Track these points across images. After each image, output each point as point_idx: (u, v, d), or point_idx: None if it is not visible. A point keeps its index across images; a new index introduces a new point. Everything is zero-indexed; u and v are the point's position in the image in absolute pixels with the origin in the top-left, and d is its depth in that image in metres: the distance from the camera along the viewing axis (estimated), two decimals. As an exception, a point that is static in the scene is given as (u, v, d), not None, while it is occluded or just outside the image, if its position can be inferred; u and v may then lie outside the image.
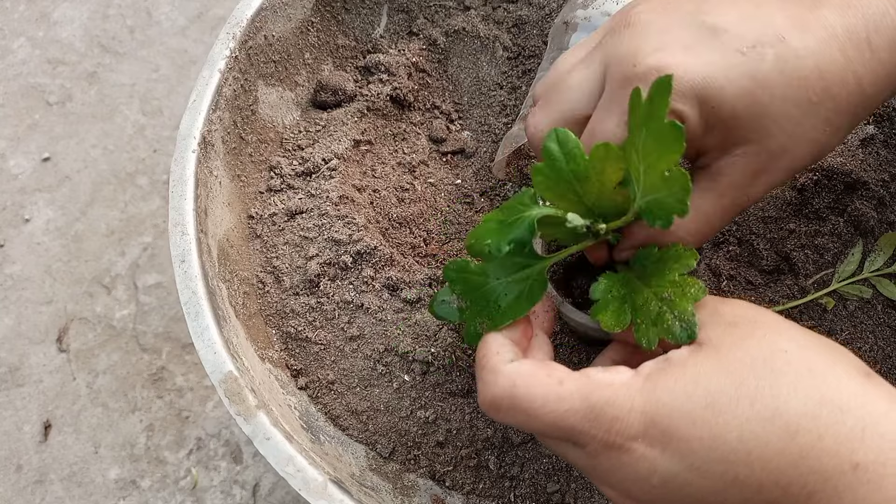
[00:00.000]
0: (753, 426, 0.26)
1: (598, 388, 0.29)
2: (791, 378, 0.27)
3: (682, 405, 0.27)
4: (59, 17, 1.14)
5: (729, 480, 0.27)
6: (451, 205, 0.58)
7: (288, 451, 0.38)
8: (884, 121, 0.52)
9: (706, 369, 0.28)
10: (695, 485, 0.27)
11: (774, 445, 0.26)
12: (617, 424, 0.28)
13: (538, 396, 0.29)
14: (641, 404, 0.28)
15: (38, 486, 0.80)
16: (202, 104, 0.49)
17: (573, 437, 0.29)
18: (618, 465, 0.29)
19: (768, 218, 0.50)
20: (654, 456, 0.28)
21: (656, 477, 0.28)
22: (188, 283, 0.43)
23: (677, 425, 0.27)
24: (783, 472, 0.26)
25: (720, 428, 0.27)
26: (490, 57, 0.62)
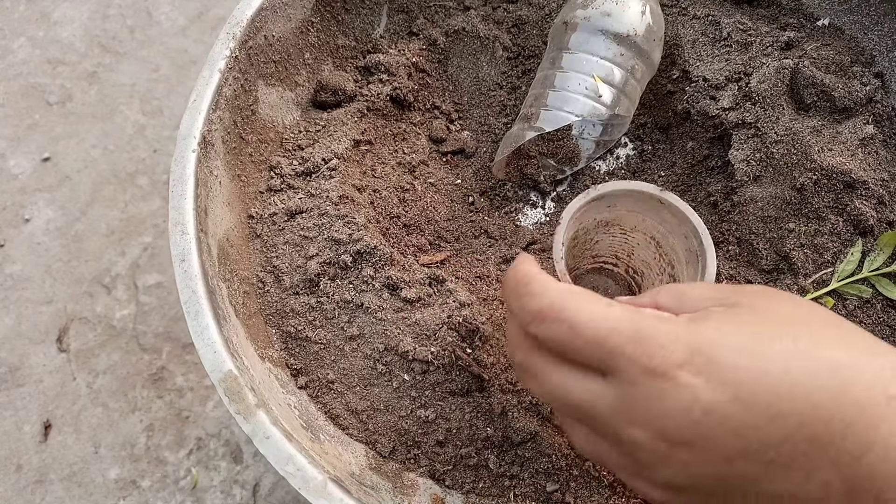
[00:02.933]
0: (798, 360, 0.27)
1: (646, 317, 0.30)
2: (827, 328, 0.29)
3: (729, 339, 0.28)
4: (59, 17, 1.14)
5: (773, 413, 0.27)
6: (451, 204, 0.58)
7: (287, 449, 0.38)
8: (883, 120, 0.52)
9: (747, 316, 0.29)
10: (737, 418, 0.27)
11: (818, 379, 0.27)
12: (662, 351, 0.28)
13: (586, 311, 0.30)
14: (687, 336, 0.28)
15: (38, 486, 0.80)
16: (202, 104, 0.49)
17: (612, 359, 0.29)
18: (657, 396, 0.28)
19: (768, 217, 0.50)
20: (697, 385, 0.27)
21: (698, 408, 0.27)
22: (188, 282, 0.43)
23: (724, 355, 0.28)
24: (824, 405, 0.26)
25: (765, 361, 0.27)
26: (490, 57, 0.62)
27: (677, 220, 0.43)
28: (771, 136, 0.52)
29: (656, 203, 0.43)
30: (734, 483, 0.28)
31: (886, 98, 0.53)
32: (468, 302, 0.47)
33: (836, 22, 0.58)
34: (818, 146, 0.50)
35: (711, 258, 0.41)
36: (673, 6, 0.61)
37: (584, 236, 0.49)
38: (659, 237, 0.46)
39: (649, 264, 0.49)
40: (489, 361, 0.45)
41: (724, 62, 0.57)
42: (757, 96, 0.53)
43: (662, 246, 0.47)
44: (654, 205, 0.43)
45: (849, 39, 0.57)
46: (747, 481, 0.28)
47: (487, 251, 0.56)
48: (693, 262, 0.43)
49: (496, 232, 0.58)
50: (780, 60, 0.54)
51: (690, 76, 0.57)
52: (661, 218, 0.44)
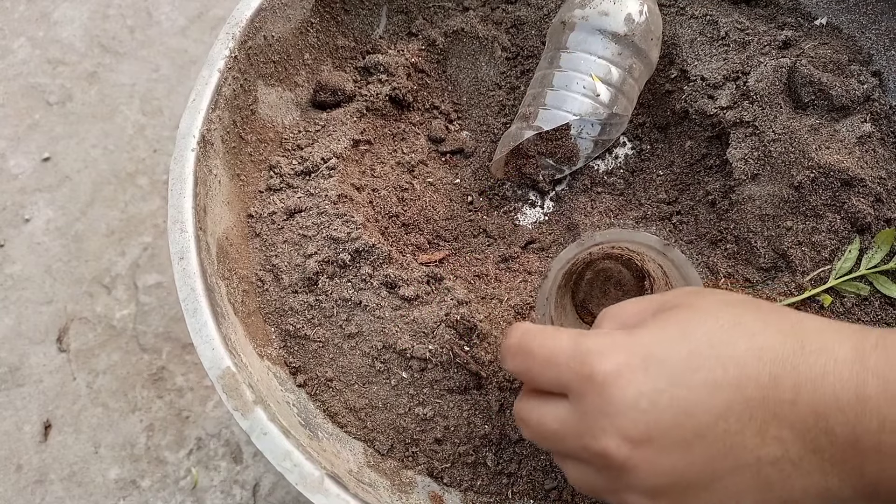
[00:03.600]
0: (721, 335, 0.30)
1: (585, 335, 0.32)
2: (745, 307, 0.32)
3: (659, 337, 0.31)
4: (59, 17, 1.14)
5: (710, 385, 0.29)
6: (449, 204, 0.59)
7: (285, 446, 0.38)
8: (880, 119, 0.52)
9: (676, 314, 0.32)
10: (680, 398, 0.29)
11: (740, 347, 0.29)
12: (600, 358, 0.31)
13: (538, 339, 0.34)
14: (623, 342, 0.31)
15: (38, 486, 0.80)
16: (202, 103, 0.49)
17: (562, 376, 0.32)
18: (606, 400, 0.30)
19: (765, 216, 0.50)
20: (638, 379, 0.30)
21: (644, 399, 0.29)
22: (187, 280, 0.43)
23: (656, 351, 0.30)
24: (752, 366, 0.29)
25: (694, 344, 0.30)
26: (489, 57, 0.62)
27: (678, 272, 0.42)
28: (769, 134, 0.52)
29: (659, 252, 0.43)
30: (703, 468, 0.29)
31: (884, 96, 0.53)
32: (466, 300, 0.48)
33: (834, 21, 0.58)
34: (816, 144, 0.50)
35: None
36: (671, 5, 0.61)
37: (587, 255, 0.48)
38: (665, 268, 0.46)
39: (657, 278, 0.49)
40: (487, 359, 0.46)
41: (721, 61, 0.57)
42: (755, 95, 0.53)
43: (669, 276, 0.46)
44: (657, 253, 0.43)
45: (846, 38, 0.57)
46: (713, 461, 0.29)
47: (486, 250, 0.57)
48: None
49: (495, 231, 0.58)
50: (777, 59, 0.54)
51: (688, 75, 0.57)
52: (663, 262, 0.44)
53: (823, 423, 0.28)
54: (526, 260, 0.55)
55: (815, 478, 0.28)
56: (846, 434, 0.27)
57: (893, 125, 0.52)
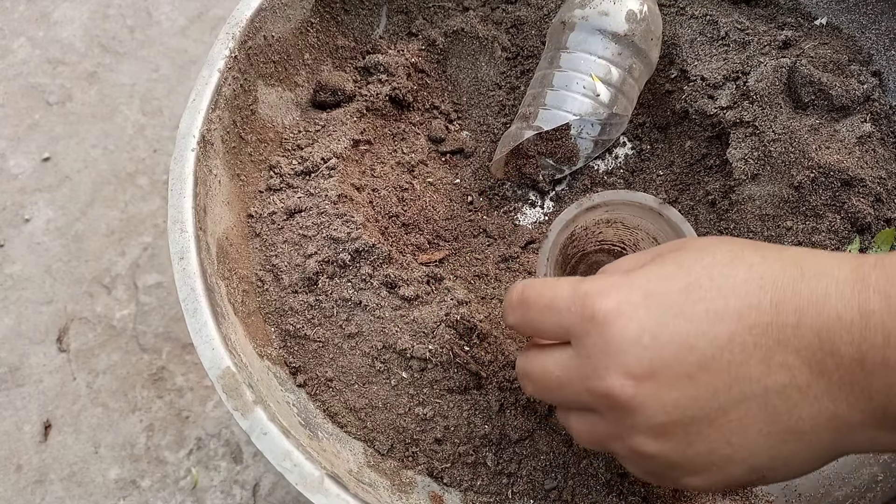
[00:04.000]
0: (720, 267, 0.30)
1: (584, 280, 0.33)
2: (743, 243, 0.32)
3: (657, 273, 0.31)
4: (59, 17, 1.14)
5: (712, 316, 0.29)
6: (449, 204, 0.59)
7: (285, 445, 0.38)
8: (880, 119, 0.52)
9: (675, 255, 0.32)
10: (682, 330, 0.29)
11: (738, 277, 0.29)
12: (599, 297, 0.31)
13: (536, 287, 0.34)
14: (621, 282, 0.31)
15: (38, 486, 0.80)
16: (201, 103, 0.49)
17: (563, 320, 0.32)
18: (608, 338, 0.30)
19: (766, 216, 0.51)
20: (639, 315, 0.30)
21: (647, 334, 0.29)
22: (186, 279, 0.43)
23: (655, 287, 0.30)
24: (752, 294, 0.29)
25: (693, 277, 0.30)
26: (489, 57, 0.62)
27: (675, 233, 0.43)
28: (769, 134, 0.52)
29: (655, 214, 0.43)
30: (708, 402, 0.29)
31: (884, 96, 0.53)
32: (466, 300, 0.48)
33: (834, 21, 0.58)
34: (816, 144, 0.50)
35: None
36: (671, 5, 0.61)
37: (583, 232, 0.48)
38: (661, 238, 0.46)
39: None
40: (487, 359, 0.46)
41: (721, 61, 0.57)
42: (755, 95, 0.53)
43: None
44: (653, 215, 0.43)
45: (846, 38, 0.57)
46: (718, 393, 0.29)
47: (486, 250, 0.57)
48: None
49: (495, 231, 0.58)
50: (777, 59, 0.54)
51: (688, 75, 0.58)
52: (660, 227, 0.44)
53: (829, 345, 0.27)
54: (526, 260, 0.55)
55: (823, 403, 0.28)
56: (851, 353, 0.27)
57: (893, 125, 0.52)
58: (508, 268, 0.55)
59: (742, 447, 0.30)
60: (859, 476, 0.45)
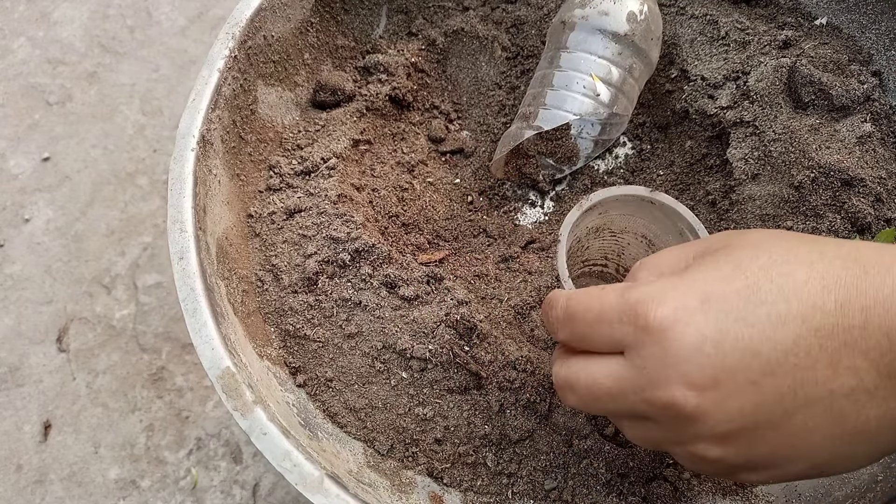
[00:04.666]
0: (778, 268, 0.29)
1: (631, 287, 0.31)
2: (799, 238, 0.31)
3: (713, 274, 0.30)
4: (59, 17, 1.14)
5: (774, 320, 0.28)
6: (449, 204, 0.59)
7: (285, 446, 0.38)
8: (881, 118, 0.52)
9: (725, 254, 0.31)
10: (745, 336, 0.28)
11: (800, 276, 0.28)
12: (652, 305, 0.29)
13: (582, 300, 0.33)
14: (672, 287, 0.30)
15: (38, 486, 0.80)
16: (201, 103, 0.49)
17: (615, 333, 0.31)
18: (666, 349, 0.29)
19: (766, 216, 0.50)
20: (699, 322, 0.29)
21: (708, 343, 0.28)
22: (186, 279, 0.43)
23: (713, 290, 0.29)
24: (817, 295, 0.28)
25: (752, 278, 0.29)
26: (489, 57, 0.62)
27: (670, 219, 0.43)
28: (769, 134, 0.52)
29: (647, 204, 0.43)
30: (773, 407, 0.28)
31: (884, 96, 0.53)
32: (466, 300, 0.47)
33: (834, 21, 0.58)
34: (816, 144, 0.50)
35: None
36: (671, 5, 0.61)
37: (576, 245, 0.49)
38: (651, 236, 0.46)
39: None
40: (487, 359, 0.46)
41: (722, 61, 0.57)
42: (755, 95, 0.53)
43: (655, 244, 0.46)
44: (644, 206, 0.43)
45: (846, 38, 0.57)
46: (783, 399, 0.28)
47: (486, 250, 0.57)
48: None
49: (495, 231, 0.58)
50: (777, 59, 0.54)
51: (689, 75, 0.57)
52: (653, 217, 0.44)
53: None
54: (526, 260, 0.55)
55: (890, 404, 0.27)
56: None
57: (893, 125, 0.52)
58: (508, 268, 0.55)
59: (805, 448, 0.29)
60: (859, 476, 0.45)
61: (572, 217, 0.42)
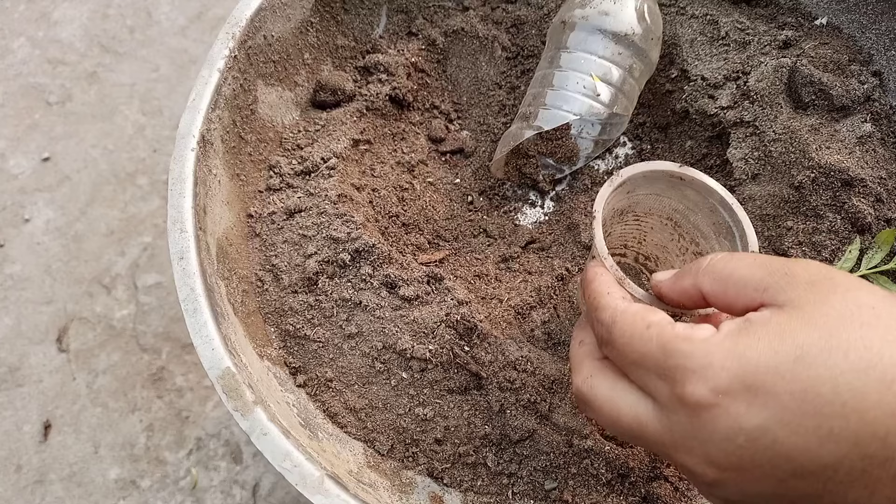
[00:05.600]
0: (848, 377, 0.25)
1: (676, 339, 0.29)
2: (882, 330, 0.26)
3: (769, 360, 0.26)
4: (59, 17, 1.14)
5: (823, 435, 0.25)
6: (449, 203, 0.58)
7: (285, 446, 0.38)
8: (881, 119, 0.52)
9: (792, 325, 0.27)
10: (786, 442, 0.26)
11: (871, 396, 0.25)
12: (694, 381, 0.27)
13: (626, 334, 0.31)
14: (721, 360, 0.27)
15: (38, 486, 0.80)
16: (201, 103, 0.49)
17: (650, 386, 0.29)
18: (698, 424, 0.27)
19: (766, 216, 0.50)
20: (738, 412, 0.26)
21: (742, 436, 0.26)
22: (186, 279, 0.43)
23: (764, 380, 0.26)
24: (881, 422, 0.25)
25: (812, 381, 0.25)
26: (489, 57, 0.62)
27: (700, 195, 0.42)
28: (769, 134, 0.52)
29: (676, 181, 0.42)
30: (794, 498, 0.27)
31: (884, 96, 0.53)
32: (466, 300, 0.47)
33: (834, 21, 0.58)
34: (816, 144, 0.50)
35: (749, 227, 0.40)
36: (671, 5, 0.61)
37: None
38: (678, 217, 0.46)
39: (666, 247, 0.49)
40: (487, 359, 0.45)
41: (722, 61, 0.57)
42: (755, 95, 0.53)
43: (682, 225, 0.46)
44: (673, 183, 0.43)
45: (846, 38, 0.57)
46: (807, 497, 0.27)
47: (486, 250, 0.56)
48: (726, 235, 0.42)
49: (495, 231, 0.58)
50: (778, 59, 0.54)
51: (689, 75, 0.57)
52: (682, 195, 0.43)
53: None
54: (526, 260, 0.55)
55: None
56: None
57: (894, 125, 0.52)
58: (508, 268, 0.55)
59: None
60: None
61: (606, 191, 0.41)
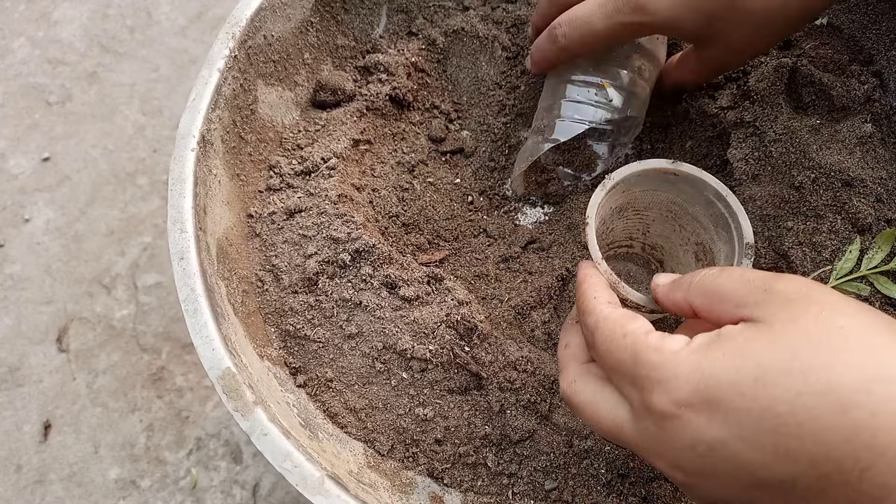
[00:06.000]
0: (806, 400, 0.25)
1: (648, 349, 0.30)
2: (847, 355, 0.26)
3: (731, 376, 0.27)
4: (59, 17, 1.14)
5: (780, 453, 0.26)
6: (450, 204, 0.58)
7: (285, 446, 0.38)
8: (881, 119, 0.52)
9: (758, 344, 0.27)
10: (744, 457, 0.27)
11: (827, 420, 0.25)
12: (659, 391, 0.29)
13: (606, 341, 0.32)
14: (686, 373, 0.28)
15: (38, 486, 0.80)
16: (201, 103, 0.49)
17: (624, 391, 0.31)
18: (663, 431, 0.29)
19: (766, 216, 0.50)
20: (699, 423, 0.27)
21: (702, 445, 0.27)
22: (187, 280, 0.43)
23: (724, 395, 0.27)
24: (836, 446, 0.25)
25: (770, 400, 0.26)
26: (489, 57, 0.62)
27: (695, 188, 0.43)
28: (769, 134, 0.52)
29: (670, 176, 0.43)
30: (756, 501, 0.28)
31: (885, 97, 0.53)
32: (466, 300, 0.47)
33: (835, 21, 0.58)
34: (816, 145, 0.50)
35: (744, 218, 0.41)
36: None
37: (601, 227, 0.48)
38: (676, 209, 0.46)
39: (668, 237, 0.49)
40: (487, 360, 0.45)
41: (722, 61, 0.57)
42: (755, 95, 0.53)
43: (681, 217, 0.46)
44: (668, 179, 0.43)
45: (847, 38, 0.57)
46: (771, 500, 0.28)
47: (486, 250, 0.56)
48: (723, 226, 0.42)
49: (495, 231, 0.58)
50: (778, 59, 0.54)
51: (689, 75, 0.57)
52: (678, 190, 0.44)
53: None
54: (526, 260, 0.55)
55: None
56: None
57: (894, 126, 0.52)
58: (509, 268, 0.55)
59: None
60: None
61: (597, 197, 0.42)
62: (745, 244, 0.40)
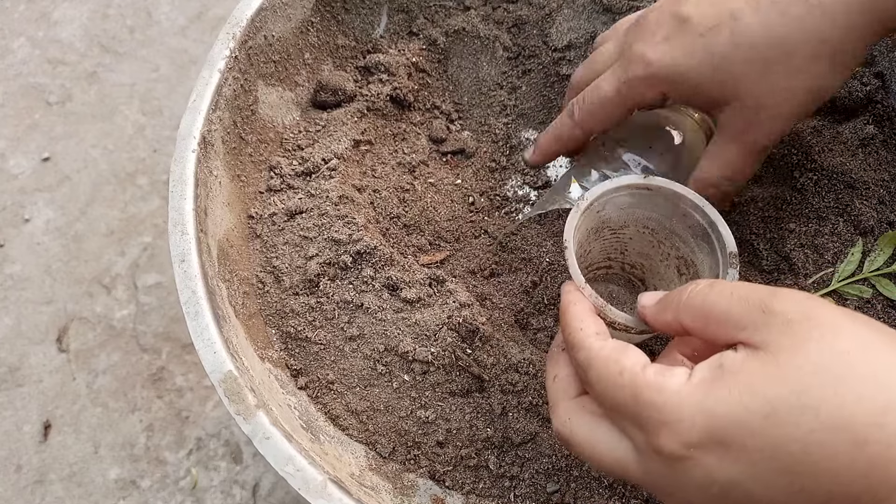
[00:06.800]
0: (819, 437, 0.25)
1: (648, 388, 0.29)
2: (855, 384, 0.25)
3: (739, 416, 0.26)
4: (59, 17, 1.14)
5: (795, 491, 0.25)
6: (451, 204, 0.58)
7: (287, 450, 0.38)
8: (883, 121, 0.52)
9: (763, 378, 0.27)
10: (758, 495, 0.26)
11: (842, 457, 0.25)
12: (664, 431, 0.28)
13: (601, 380, 0.31)
14: (691, 414, 0.27)
15: (38, 486, 0.80)
16: (202, 104, 0.49)
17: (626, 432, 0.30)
18: (673, 473, 0.28)
19: (768, 218, 0.50)
20: (710, 464, 0.27)
21: (716, 487, 0.27)
22: (188, 282, 0.43)
23: (734, 435, 0.26)
24: (853, 482, 0.25)
25: (783, 438, 0.25)
26: (490, 57, 0.62)
27: (670, 202, 0.42)
28: (771, 136, 0.52)
29: (644, 191, 0.42)
30: None
31: (887, 98, 0.53)
32: (468, 302, 0.47)
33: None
34: (819, 146, 0.50)
35: (723, 227, 0.40)
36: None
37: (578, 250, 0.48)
38: (653, 224, 0.45)
39: (648, 254, 0.48)
40: (489, 362, 0.45)
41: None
42: (757, 96, 0.53)
43: (659, 232, 0.45)
44: (642, 195, 0.42)
45: (849, 39, 0.57)
46: None
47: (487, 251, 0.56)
48: (703, 237, 0.41)
49: (496, 232, 0.58)
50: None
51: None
52: (654, 204, 0.43)
53: None
54: (527, 261, 0.55)
55: None
56: None
57: (896, 127, 0.52)
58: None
59: None
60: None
61: (573, 220, 0.41)
62: (728, 254, 0.39)
